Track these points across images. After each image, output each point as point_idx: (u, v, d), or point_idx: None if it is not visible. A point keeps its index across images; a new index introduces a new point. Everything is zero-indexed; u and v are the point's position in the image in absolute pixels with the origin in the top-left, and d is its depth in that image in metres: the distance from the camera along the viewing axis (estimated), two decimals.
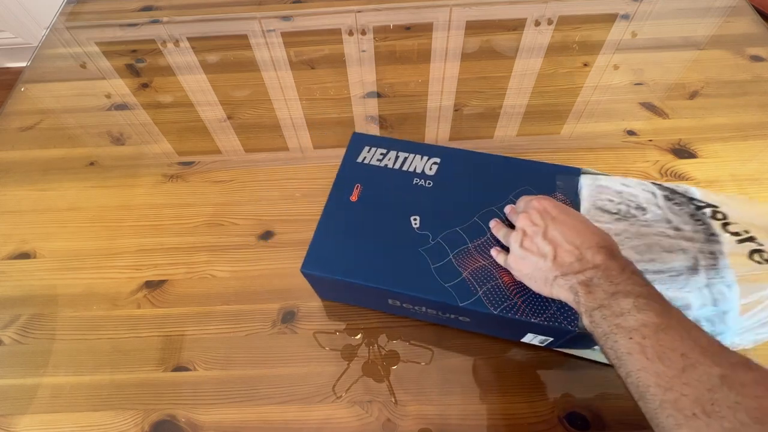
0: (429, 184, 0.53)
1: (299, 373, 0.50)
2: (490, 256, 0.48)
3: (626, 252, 0.43)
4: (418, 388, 0.49)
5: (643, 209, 0.48)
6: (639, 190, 0.50)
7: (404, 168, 0.54)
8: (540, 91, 0.74)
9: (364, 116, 0.73)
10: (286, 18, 0.87)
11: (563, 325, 0.43)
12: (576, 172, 0.52)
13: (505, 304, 0.44)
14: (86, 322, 0.55)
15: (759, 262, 0.42)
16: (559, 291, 0.39)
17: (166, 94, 0.77)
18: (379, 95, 0.75)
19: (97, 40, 0.87)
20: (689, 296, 0.42)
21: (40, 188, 0.67)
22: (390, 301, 0.49)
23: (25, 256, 0.60)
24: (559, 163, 0.54)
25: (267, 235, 0.60)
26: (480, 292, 0.45)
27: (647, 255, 0.44)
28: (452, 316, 0.48)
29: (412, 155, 0.55)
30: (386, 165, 0.55)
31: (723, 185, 0.61)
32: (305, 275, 0.49)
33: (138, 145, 0.55)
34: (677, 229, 0.46)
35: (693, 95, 0.72)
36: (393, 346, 0.52)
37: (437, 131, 0.70)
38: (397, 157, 0.55)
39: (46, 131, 0.74)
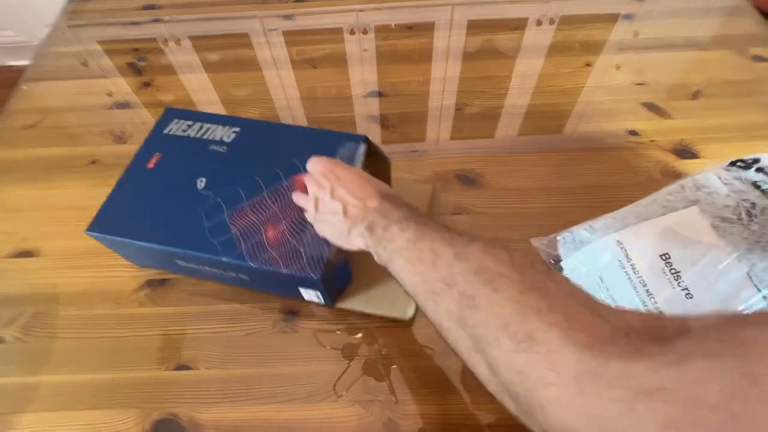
0: (224, 149, 0.56)
1: (300, 372, 0.51)
2: (262, 213, 0.51)
3: None
4: (418, 388, 0.49)
5: (763, 205, 0.44)
6: (742, 186, 0.46)
7: (205, 137, 0.57)
8: (542, 90, 0.74)
9: (366, 115, 0.73)
10: (287, 17, 0.87)
11: (308, 274, 0.47)
12: (358, 139, 0.54)
13: (263, 257, 0.48)
14: (88, 320, 0.55)
15: None
16: (355, 241, 0.42)
17: (168, 93, 0.78)
18: (380, 94, 0.75)
19: (98, 38, 0.87)
20: None
21: (42, 187, 0.67)
22: (179, 262, 0.53)
23: (26, 254, 0.60)
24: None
25: None
26: (243, 247, 0.49)
27: None
28: (233, 274, 0.52)
29: (215, 126, 0.58)
30: (189, 135, 0.57)
31: None
32: (91, 235, 0.52)
33: (140, 144, 0.55)
34: None
35: (695, 95, 0.71)
36: (394, 345, 0.52)
37: (439, 131, 0.70)
38: (201, 128, 0.58)
39: (47, 130, 0.74)
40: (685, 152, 0.65)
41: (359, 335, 0.52)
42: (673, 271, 0.44)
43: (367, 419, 0.48)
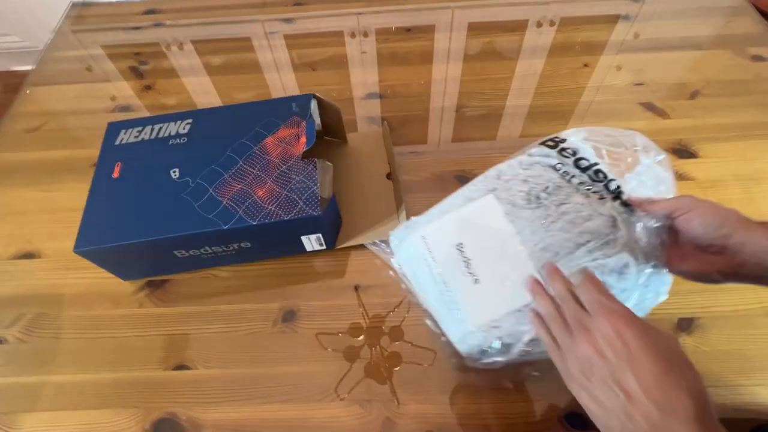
0: (184, 140, 0.58)
1: (299, 372, 0.51)
2: (245, 179, 0.53)
3: (555, 234, 0.43)
4: (418, 388, 0.49)
5: (553, 187, 0.46)
6: (541, 170, 0.48)
7: (160, 135, 0.58)
8: (541, 91, 0.74)
9: (366, 117, 0.73)
10: (288, 20, 0.88)
11: (309, 214, 0.50)
12: (308, 98, 0.60)
13: (261, 213, 0.51)
14: (89, 321, 0.55)
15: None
16: None
17: (170, 96, 0.78)
18: (380, 96, 0.75)
19: (101, 43, 0.88)
20: (625, 255, 0.41)
21: (45, 189, 0.67)
22: (177, 254, 0.53)
23: (29, 255, 0.61)
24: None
25: None
26: (240, 211, 0.51)
27: (575, 230, 0.44)
28: (234, 245, 0.54)
29: (166, 124, 0.59)
30: (143, 138, 0.59)
31: (724, 185, 0.61)
32: (83, 254, 0.51)
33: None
34: (588, 194, 0.46)
35: (694, 95, 0.71)
36: (394, 346, 0.52)
37: (439, 132, 0.71)
38: (152, 130, 0.59)
39: (51, 133, 0.75)
40: (684, 152, 0.65)
41: (360, 337, 0.53)
42: (464, 259, 0.45)
43: (366, 419, 0.48)
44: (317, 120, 0.59)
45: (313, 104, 0.59)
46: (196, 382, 0.51)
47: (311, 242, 0.56)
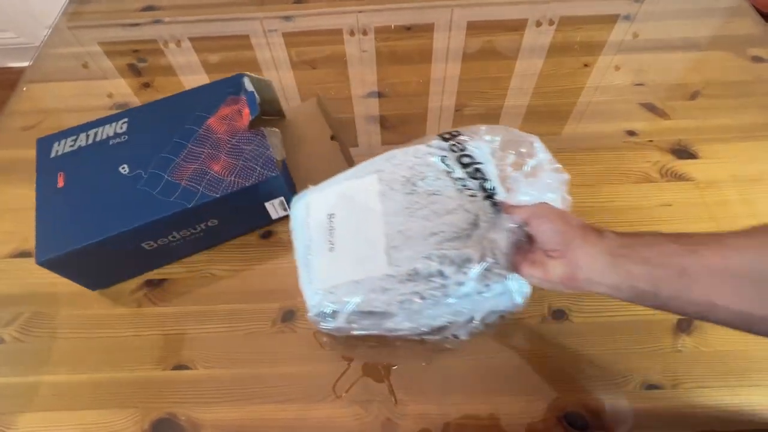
0: (125, 138, 0.58)
1: (299, 373, 0.51)
2: (198, 159, 0.55)
3: (417, 221, 0.47)
4: (417, 388, 0.49)
5: (433, 178, 0.49)
6: (429, 159, 0.50)
7: (98, 139, 0.58)
8: (541, 91, 0.74)
9: (365, 116, 0.73)
10: (287, 18, 0.87)
11: (269, 176, 0.53)
12: (239, 77, 0.61)
13: (223, 186, 0.53)
14: (87, 320, 0.55)
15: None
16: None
17: (168, 94, 0.77)
18: (380, 95, 0.75)
19: (99, 39, 0.87)
20: (468, 251, 0.43)
21: None
22: (146, 246, 0.54)
23: (26, 254, 0.60)
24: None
25: (267, 234, 0.61)
26: (201, 188, 0.52)
27: (436, 220, 0.46)
28: (202, 226, 0.55)
29: (101, 128, 0.59)
30: (80, 146, 0.58)
31: (724, 186, 0.61)
32: (45, 265, 0.50)
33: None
34: (462, 190, 0.48)
35: (694, 96, 0.72)
36: (393, 346, 0.52)
37: (438, 131, 0.70)
38: (87, 136, 0.58)
39: (47, 131, 0.73)
40: (684, 152, 0.65)
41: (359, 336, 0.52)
42: (330, 228, 0.49)
43: (365, 419, 0.48)
44: (254, 92, 0.60)
45: (247, 81, 0.60)
46: (195, 382, 0.51)
47: (275, 208, 0.58)
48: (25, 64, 0.85)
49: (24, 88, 0.80)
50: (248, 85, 0.60)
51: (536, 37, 0.82)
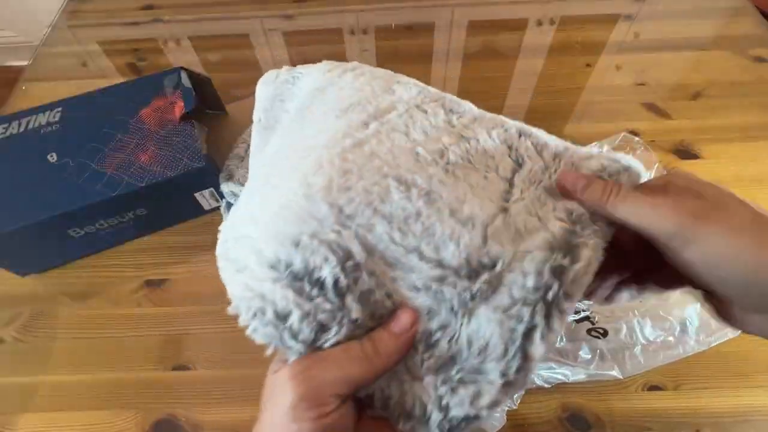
0: (57, 127, 0.58)
1: None
2: (125, 149, 0.55)
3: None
4: None
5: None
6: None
7: (30, 127, 0.58)
8: (542, 91, 0.74)
9: None
10: (287, 17, 0.87)
11: (194, 166, 0.54)
12: (177, 70, 0.62)
13: (148, 175, 0.53)
14: (87, 320, 0.55)
15: None
16: None
17: None
18: None
19: (98, 38, 0.87)
20: None
21: None
22: (72, 233, 0.54)
23: None
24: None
25: None
26: (126, 177, 0.53)
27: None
28: (130, 214, 0.56)
29: (33, 116, 0.60)
30: (11, 134, 0.58)
31: (725, 186, 0.61)
32: None
33: None
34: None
35: (696, 96, 0.71)
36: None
37: None
38: (19, 124, 0.59)
39: None
40: (686, 153, 0.65)
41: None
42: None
43: None
44: (191, 88, 0.61)
45: (184, 75, 0.62)
46: (196, 383, 0.50)
47: (206, 199, 0.59)
48: (24, 62, 0.85)
49: (23, 87, 0.79)
50: (185, 80, 0.61)
51: (537, 36, 0.82)
